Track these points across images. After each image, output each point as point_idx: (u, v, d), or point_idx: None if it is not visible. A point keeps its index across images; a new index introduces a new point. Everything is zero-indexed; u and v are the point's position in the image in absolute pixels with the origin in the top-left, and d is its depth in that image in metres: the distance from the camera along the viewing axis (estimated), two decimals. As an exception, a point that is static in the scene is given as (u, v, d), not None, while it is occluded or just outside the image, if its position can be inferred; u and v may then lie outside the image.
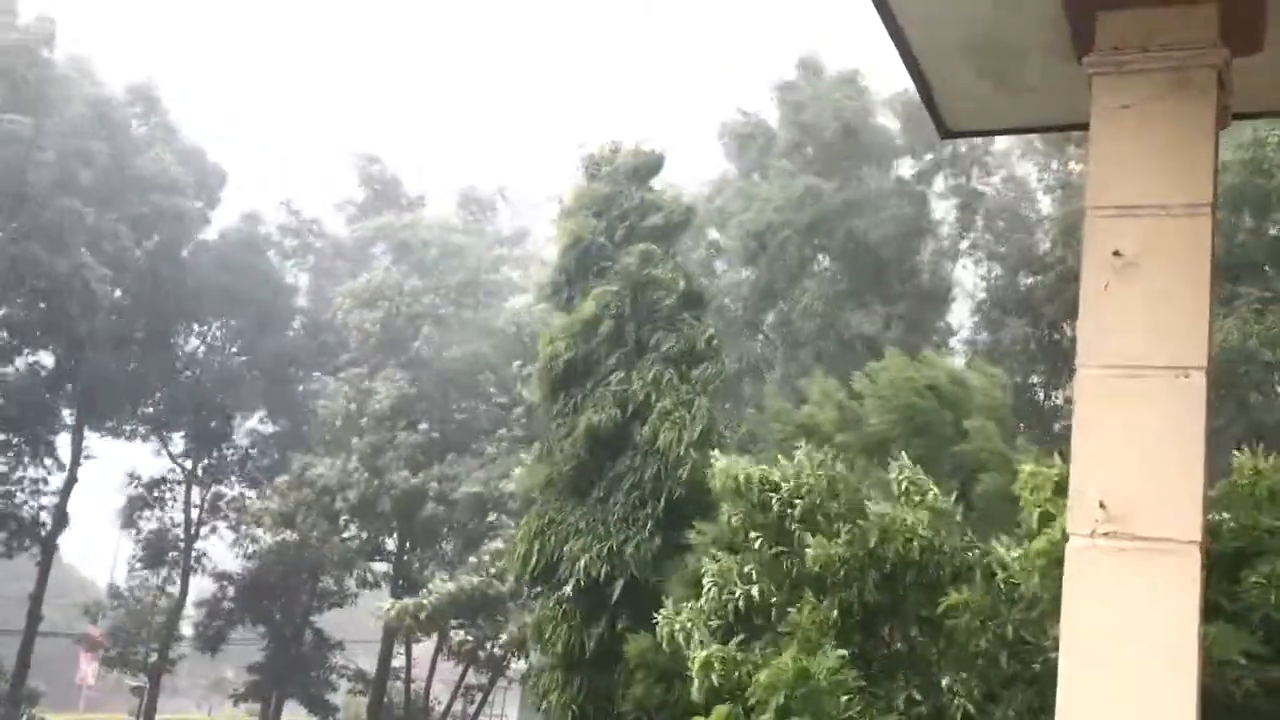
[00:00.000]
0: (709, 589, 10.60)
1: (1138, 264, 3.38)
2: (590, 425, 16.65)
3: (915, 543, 9.61)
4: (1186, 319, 3.35)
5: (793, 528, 10.52)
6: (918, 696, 9.16)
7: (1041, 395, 22.83)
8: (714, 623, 10.53)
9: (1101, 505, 3.31)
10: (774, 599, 10.39)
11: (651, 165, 19.09)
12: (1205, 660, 3.03)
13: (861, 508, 10.09)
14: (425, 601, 25.23)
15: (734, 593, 10.44)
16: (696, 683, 9.78)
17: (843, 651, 8.87)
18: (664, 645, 10.96)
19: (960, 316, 24.43)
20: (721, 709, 8.66)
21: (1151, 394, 3.33)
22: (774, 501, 10.63)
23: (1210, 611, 7.83)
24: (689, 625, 10.49)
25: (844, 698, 8.81)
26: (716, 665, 9.57)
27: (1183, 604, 3.23)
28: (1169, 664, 3.20)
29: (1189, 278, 3.36)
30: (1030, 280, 22.49)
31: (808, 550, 10.09)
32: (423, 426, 30.50)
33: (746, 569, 10.60)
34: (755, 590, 10.39)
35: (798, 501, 10.52)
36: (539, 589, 17.22)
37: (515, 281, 33.73)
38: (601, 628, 15.89)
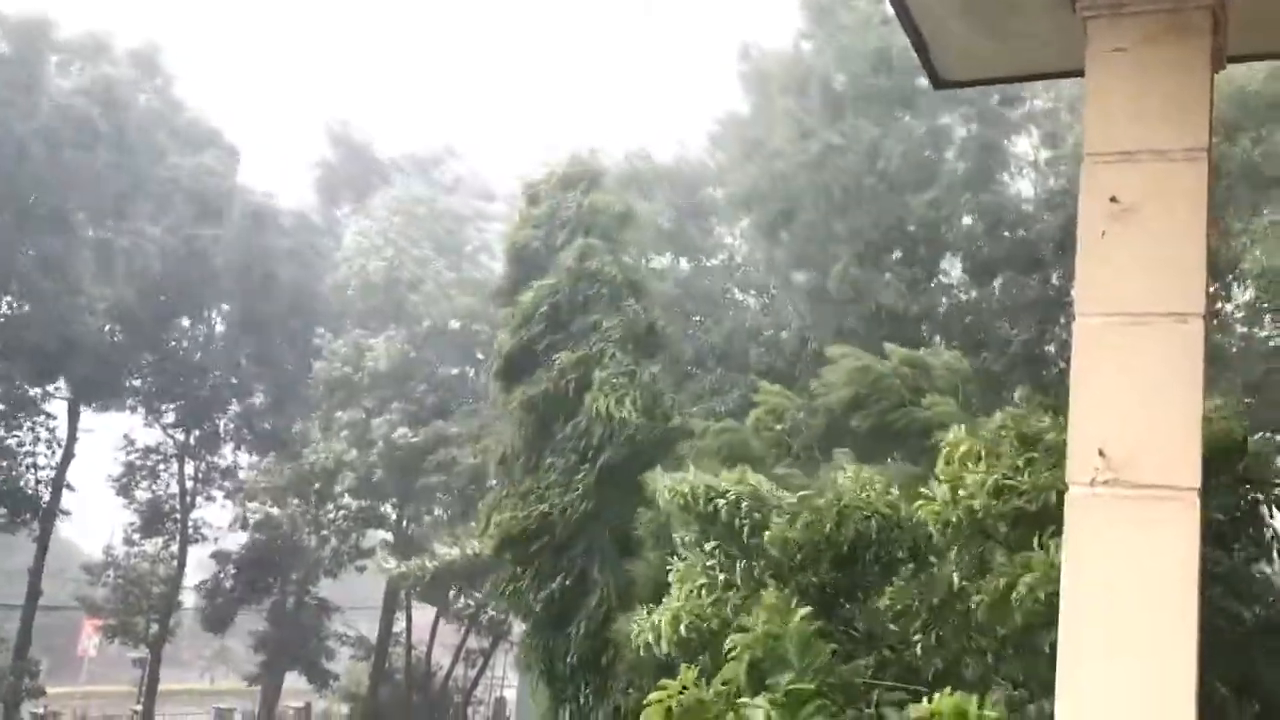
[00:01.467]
0: (677, 590, 10.75)
1: (1135, 210, 3.36)
2: (526, 399, 18.07)
3: (873, 520, 9.69)
4: (1184, 265, 3.33)
5: (743, 529, 10.64)
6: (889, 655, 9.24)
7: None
8: (687, 605, 10.71)
9: (1101, 454, 3.30)
10: (736, 590, 10.56)
11: (592, 177, 20.57)
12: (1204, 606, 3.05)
13: (807, 500, 10.18)
14: (429, 564, 25.55)
15: (698, 583, 10.62)
16: (665, 636, 9.87)
17: (809, 608, 8.93)
18: (640, 652, 11.08)
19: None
20: (689, 673, 8.64)
21: (1150, 341, 3.31)
22: (722, 509, 10.77)
23: None
24: (660, 622, 10.60)
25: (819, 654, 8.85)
26: (685, 618, 9.65)
27: (1183, 551, 3.23)
28: (1170, 610, 3.21)
29: (1186, 223, 3.34)
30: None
31: (765, 535, 10.18)
32: (422, 388, 30.57)
33: (710, 564, 10.81)
34: (720, 579, 10.58)
35: (743, 505, 10.66)
36: (506, 555, 18.08)
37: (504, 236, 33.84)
38: (554, 588, 16.98)
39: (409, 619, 32.91)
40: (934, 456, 11.15)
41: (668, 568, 11.32)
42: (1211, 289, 17.88)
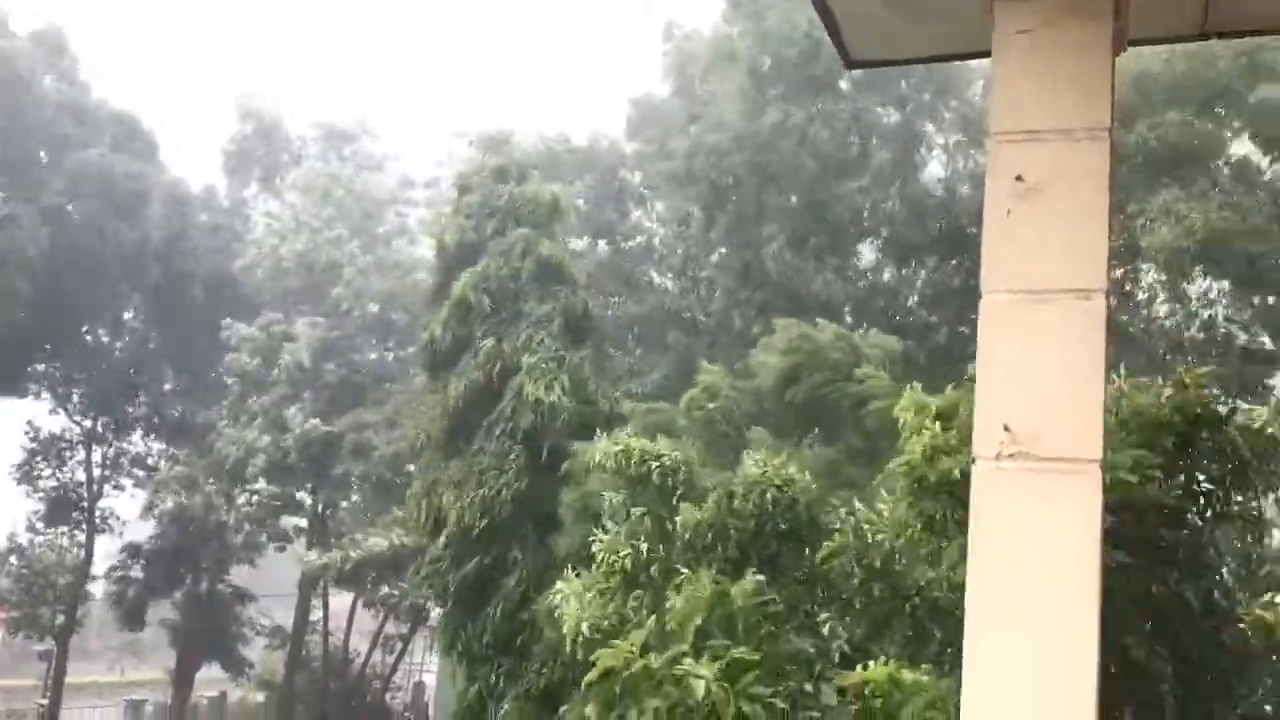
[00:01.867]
0: (600, 558, 10.81)
1: (1040, 189, 3.42)
2: (454, 385, 18.23)
3: (769, 494, 9.84)
4: (1087, 242, 3.39)
5: (675, 493, 10.76)
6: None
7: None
8: (604, 585, 10.74)
9: (1006, 428, 3.36)
10: (658, 557, 10.65)
11: (522, 167, 20.90)
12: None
13: (729, 474, 10.35)
14: (352, 554, 25.26)
15: (620, 554, 10.68)
16: (568, 643, 9.96)
17: (761, 577, 9.03)
18: (558, 617, 11.15)
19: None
20: (630, 642, 8.69)
21: (1054, 317, 3.38)
22: (654, 471, 10.85)
23: None
24: (582, 592, 10.65)
25: (761, 622, 8.97)
26: (585, 632, 9.75)
27: (1086, 522, 3.30)
28: (1073, 581, 3.27)
29: (1089, 201, 3.40)
30: None
31: (679, 520, 10.31)
32: (340, 373, 30.10)
33: (634, 533, 10.89)
34: (644, 548, 10.66)
35: (679, 470, 10.77)
36: (439, 542, 18.19)
37: (427, 224, 33.35)
38: (474, 569, 17.29)
39: (326, 606, 32.50)
40: (867, 430, 11.27)
41: (590, 540, 11.38)
42: (1122, 270, 18.46)
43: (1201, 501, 8.82)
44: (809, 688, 8.22)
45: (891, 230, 23.08)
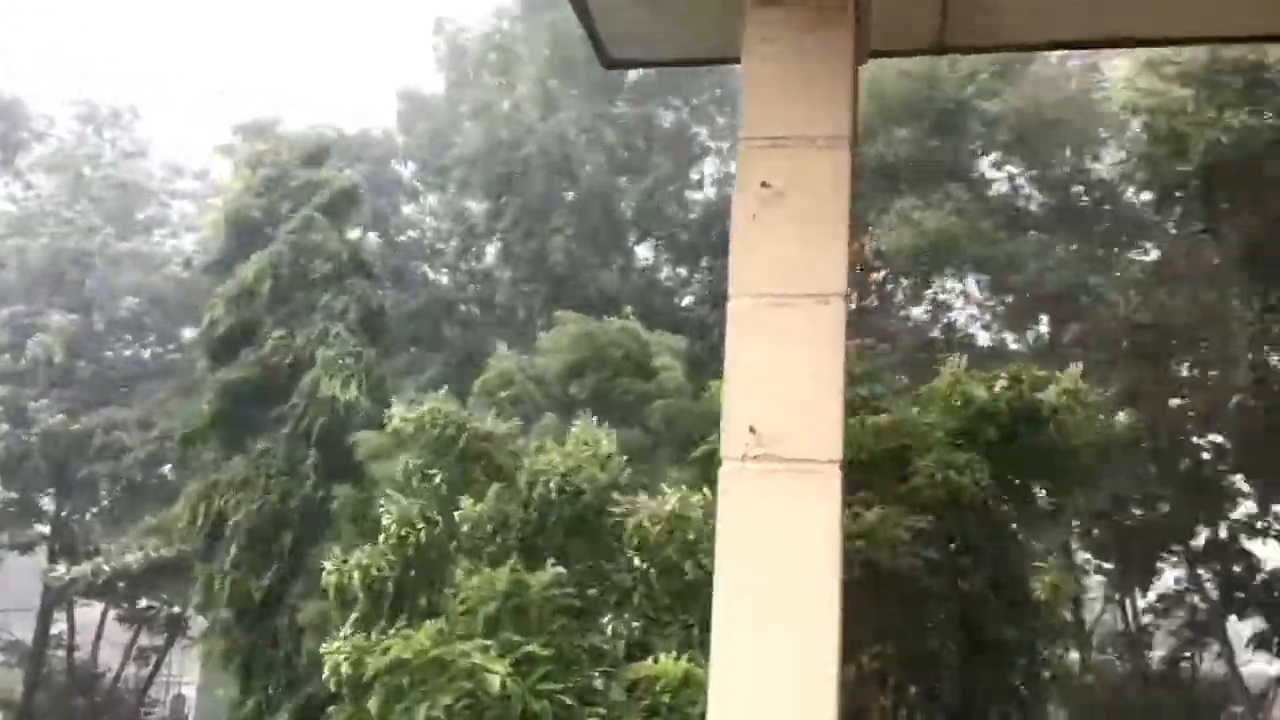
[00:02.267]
0: (389, 529, 10.47)
1: (784, 194, 3.48)
2: (237, 377, 17.32)
3: (552, 483, 9.82)
4: (828, 247, 3.48)
5: (480, 460, 10.56)
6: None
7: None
8: (391, 559, 10.42)
9: (752, 430, 3.41)
10: (446, 537, 10.45)
11: (318, 151, 19.99)
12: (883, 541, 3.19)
13: (519, 459, 10.26)
14: (105, 567, 23.57)
15: (414, 529, 10.39)
16: (328, 671, 9.59)
17: (561, 569, 8.96)
18: (330, 593, 10.75)
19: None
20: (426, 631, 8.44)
21: (796, 321, 3.45)
22: (460, 437, 10.60)
23: (881, 499, 8.59)
24: (366, 565, 10.30)
25: (555, 614, 8.93)
26: (343, 659, 9.39)
27: (826, 519, 3.38)
28: (815, 578, 3.34)
29: (830, 207, 3.49)
30: None
31: (470, 504, 10.13)
32: (89, 366, 28.14)
33: (427, 507, 10.59)
34: (436, 521, 10.44)
35: (482, 443, 10.58)
36: (215, 548, 17.14)
37: (189, 215, 31.57)
38: (269, 580, 16.27)
39: (71, 619, 30.36)
40: (651, 425, 11.27)
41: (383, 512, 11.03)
42: (876, 273, 19.44)
43: (1013, 497, 9.35)
44: (599, 684, 8.20)
45: (669, 230, 23.57)
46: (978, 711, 9.21)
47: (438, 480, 10.89)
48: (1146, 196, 19.02)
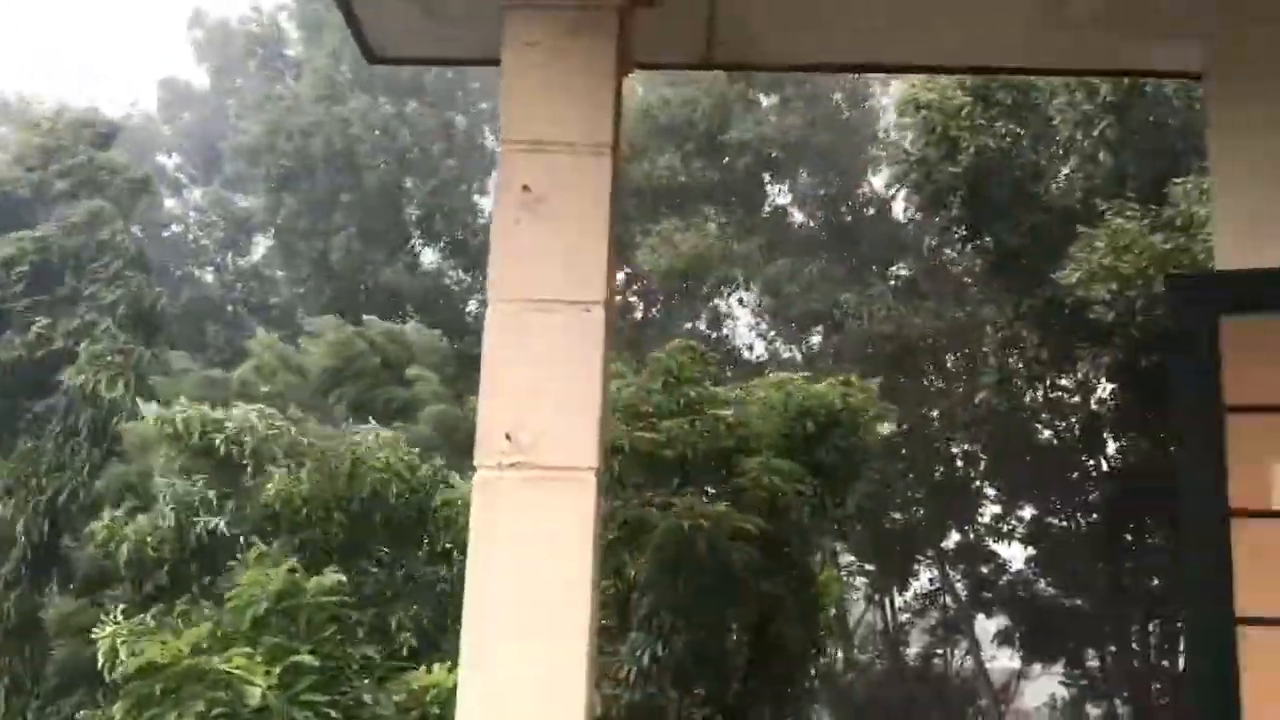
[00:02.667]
0: (168, 512, 9.97)
1: (546, 200, 3.45)
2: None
3: (392, 482, 9.53)
4: (589, 255, 3.46)
5: (245, 465, 10.14)
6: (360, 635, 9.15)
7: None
8: (169, 545, 10.05)
9: (508, 437, 3.36)
10: (235, 536, 10.06)
11: (105, 132, 18.64)
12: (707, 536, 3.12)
13: (304, 449, 9.89)
14: None
15: (197, 521, 9.94)
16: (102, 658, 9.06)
17: (342, 577, 8.64)
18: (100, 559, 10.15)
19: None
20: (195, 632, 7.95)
21: (556, 328, 3.42)
22: (219, 442, 10.18)
23: (714, 497, 8.77)
24: (140, 537, 9.74)
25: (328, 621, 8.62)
26: (120, 645, 8.89)
27: (583, 528, 3.36)
28: (570, 585, 3.32)
29: (592, 215, 3.48)
30: None
31: (268, 488, 9.70)
32: None
33: (207, 500, 10.14)
34: (222, 523, 9.99)
35: (245, 440, 10.14)
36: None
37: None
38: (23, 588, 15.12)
39: None
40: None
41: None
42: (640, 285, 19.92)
43: (812, 499, 9.67)
44: (368, 697, 7.94)
45: (452, 233, 23.35)
46: (755, 714, 9.48)
47: (199, 489, 10.41)
48: (911, 212, 20.14)
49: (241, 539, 10.04)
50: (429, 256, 25.03)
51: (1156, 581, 18.28)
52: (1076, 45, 4.39)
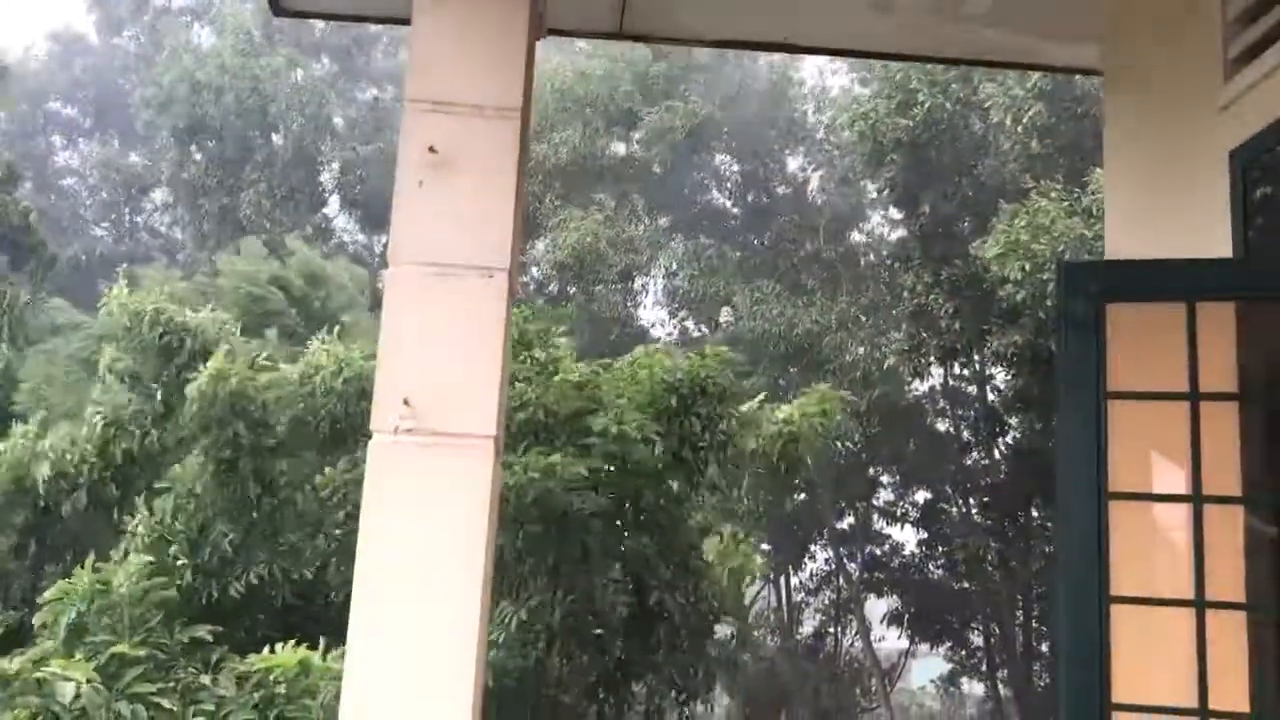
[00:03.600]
0: (94, 418, 9.63)
1: (451, 162, 3.40)
2: None
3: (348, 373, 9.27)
4: (495, 220, 3.42)
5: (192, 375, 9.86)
6: (254, 581, 8.98)
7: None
8: (91, 458, 9.79)
9: (406, 402, 3.31)
10: (162, 450, 9.77)
11: None
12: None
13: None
14: None
15: (125, 434, 9.66)
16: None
17: (149, 558, 8.38)
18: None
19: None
20: None
21: (457, 293, 3.37)
22: (184, 346, 9.86)
23: (563, 449, 8.74)
24: (63, 454, 9.41)
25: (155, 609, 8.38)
26: None
27: (480, 495, 3.33)
28: (465, 552, 3.29)
29: (499, 179, 3.43)
30: None
31: (192, 384, 9.37)
32: None
33: (141, 412, 9.81)
34: (150, 437, 9.67)
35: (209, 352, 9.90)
36: None
37: None
38: None
39: None
40: None
41: None
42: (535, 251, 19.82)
43: (685, 472, 9.69)
44: (205, 679, 7.74)
45: (365, 194, 22.98)
46: (636, 679, 9.53)
47: (154, 390, 10.06)
48: (834, 181, 20.27)
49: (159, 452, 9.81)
50: (342, 223, 24.63)
51: (1042, 564, 18.83)
52: (979, 37, 4.48)
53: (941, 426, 20.12)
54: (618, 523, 9.15)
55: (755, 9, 4.51)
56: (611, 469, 8.95)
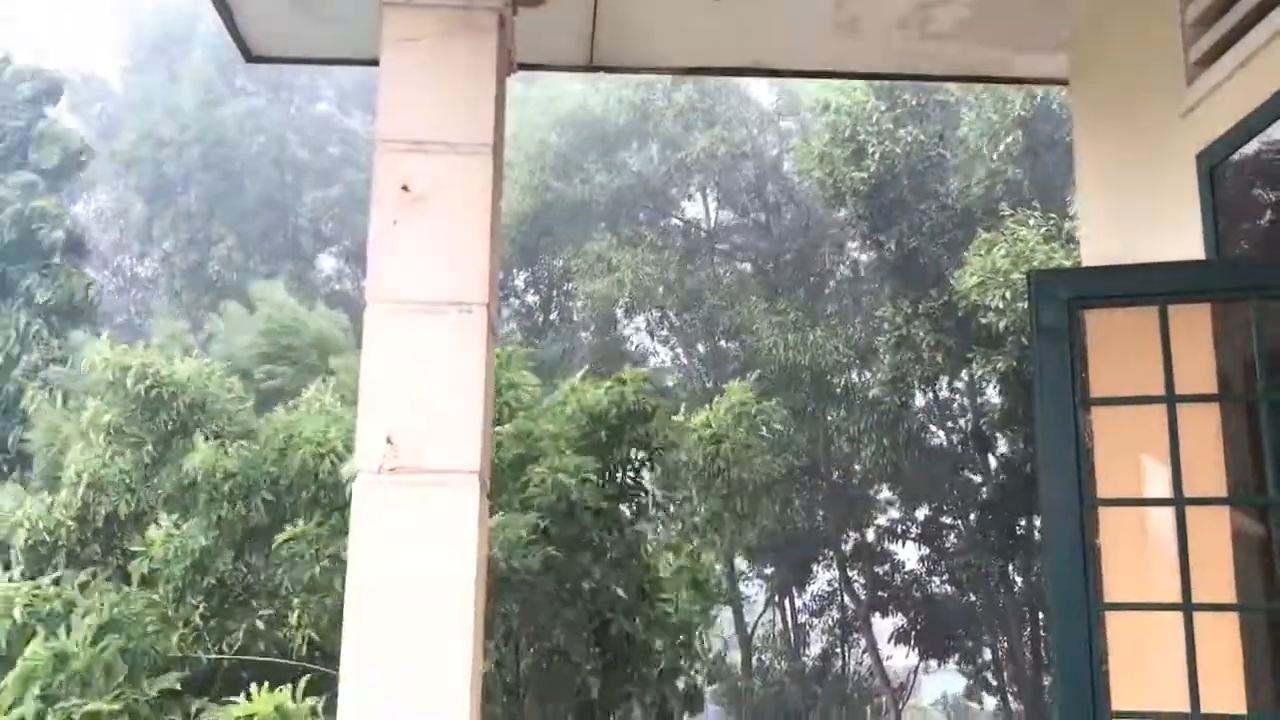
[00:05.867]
0: (77, 483, 9.59)
1: (425, 200, 3.42)
2: None
3: (326, 458, 9.19)
4: (471, 256, 3.44)
5: (179, 431, 9.82)
6: (260, 626, 8.90)
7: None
8: (71, 524, 9.72)
9: (389, 441, 3.31)
10: (145, 510, 9.72)
11: (49, 90, 16.71)
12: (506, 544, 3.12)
13: (247, 423, 9.62)
14: None
15: (105, 498, 9.61)
16: None
17: (153, 595, 8.36)
18: None
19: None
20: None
21: (437, 330, 3.38)
22: (173, 400, 9.81)
23: (503, 505, 8.69)
24: (38, 521, 9.38)
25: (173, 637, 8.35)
26: (20, 602, 8.55)
27: (467, 532, 3.33)
28: (454, 590, 3.28)
29: (474, 216, 3.45)
30: None
31: (191, 458, 9.35)
32: None
33: (125, 473, 9.76)
34: (131, 501, 9.64)
35: (199, 405, 9.85)
36: None
37: None
38: None
39: None
40: None
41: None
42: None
43: (630, 498, 9.67)
44: None
45: (355, 240, 23.04)
46: (614, 712, 9.44)
47: (138, 445, 9.99)
48: (813, 212, 20.43)
49: (145, 516, 9.74)
50: (328, 264, 24.67)
51: (1041, 577, 18.80)
52: (949, 53, 4.51)
53: (936, 441, 20.11)
54: (575, 560, 9.04)
55: (724, 34, 4.55)
56: (553, 518, 8.86)
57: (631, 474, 9.61)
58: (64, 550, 9.80)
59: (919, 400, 18.89)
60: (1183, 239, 3.31)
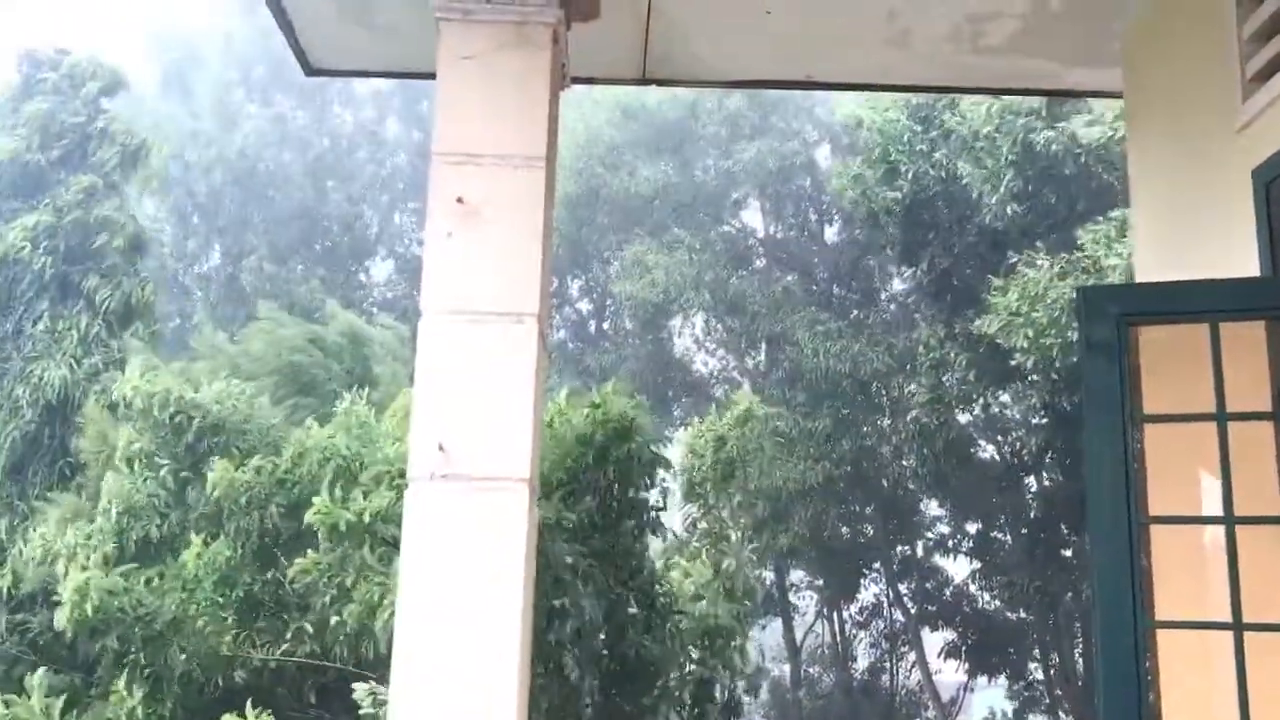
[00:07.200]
0: (109, 509, 9.81)
1: (479, 212, 3.48)
2: (41, 381, 14.06)
3: (332, 461, 9.27)
4: (523, 267, 3.50)
5: (206, 452, 10.01)
6: (309, 630, 9.03)
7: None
8: (108, 548, 9.85)
9: (441, 448, 3.38)
10: (179, 532, 9.93)
11: (109, 83, 16.13)
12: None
13: (275, 440, 9.80)
14: None
15: (138, 523, 9.88)
16: (66, 609, 8.87)
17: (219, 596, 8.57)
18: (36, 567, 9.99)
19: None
20: None
21: (489, 340, 3.44)
22: (193, 424, 10.02)
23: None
24: (75, 549, 9.62)
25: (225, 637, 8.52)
26: (94, 594, 8.75)
27: (516, 538, 3.38)
28: (504, 595, 3.33)
29: (526, 227, 3.51)
30: None
31: (210, 477, 9.53)
32: None
33: (155, 497, 9.97)
34: (164, 525, 9.84)
35: (220, 426, 10.05)
36: None
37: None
38: None
39: None
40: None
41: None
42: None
43: (630, 512, 9.67)
44: None
45: (405, 246, 23.30)
46: None
47: (164, 471, 10.20)
48: (850, 231, 20.36)
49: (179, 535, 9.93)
50: (380, 269, 24.90)
51: (1089, 593, 18.50)
52: (999, 66, 4.51)
53: (985, 455, 19.90)
54: (580, 580, 8.99)
55: (775, 48, 4.58)
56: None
57: (631, 491, 9.56)
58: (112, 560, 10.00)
59: (962, 417, 18.73)
60: (1237, 255, 3.28)
